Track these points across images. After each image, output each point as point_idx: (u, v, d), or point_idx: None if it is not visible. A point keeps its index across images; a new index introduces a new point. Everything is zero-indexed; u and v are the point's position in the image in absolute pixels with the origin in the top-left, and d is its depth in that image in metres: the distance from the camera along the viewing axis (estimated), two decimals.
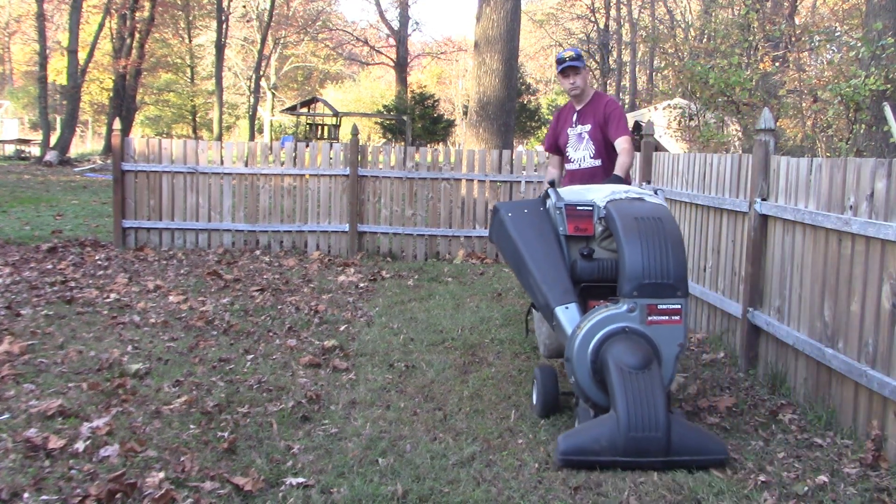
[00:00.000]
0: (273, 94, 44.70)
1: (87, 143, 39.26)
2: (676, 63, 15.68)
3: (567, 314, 3.79)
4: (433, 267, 8.37)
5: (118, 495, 2.85)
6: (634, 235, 3.68)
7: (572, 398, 4.01)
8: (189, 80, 42.17)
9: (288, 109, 34.09)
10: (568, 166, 5.03)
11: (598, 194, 4.15)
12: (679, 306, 3.64)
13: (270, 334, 5.37)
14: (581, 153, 4.93)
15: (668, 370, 3.63)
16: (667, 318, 3.63)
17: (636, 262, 3.62)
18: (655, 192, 4.27)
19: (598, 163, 4.87)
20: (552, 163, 5.22)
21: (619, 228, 3.73)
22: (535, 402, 4.04)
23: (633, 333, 3.60)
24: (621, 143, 4.71)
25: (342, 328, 5.62)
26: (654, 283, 3.61)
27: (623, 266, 3.66)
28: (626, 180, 4.62)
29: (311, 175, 8.99)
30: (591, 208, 4.07)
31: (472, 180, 8.90)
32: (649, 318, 3.62)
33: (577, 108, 4.94)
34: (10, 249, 8.40)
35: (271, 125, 42.40)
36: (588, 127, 4.87)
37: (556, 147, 5.08)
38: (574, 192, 4.31)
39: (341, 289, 7.05)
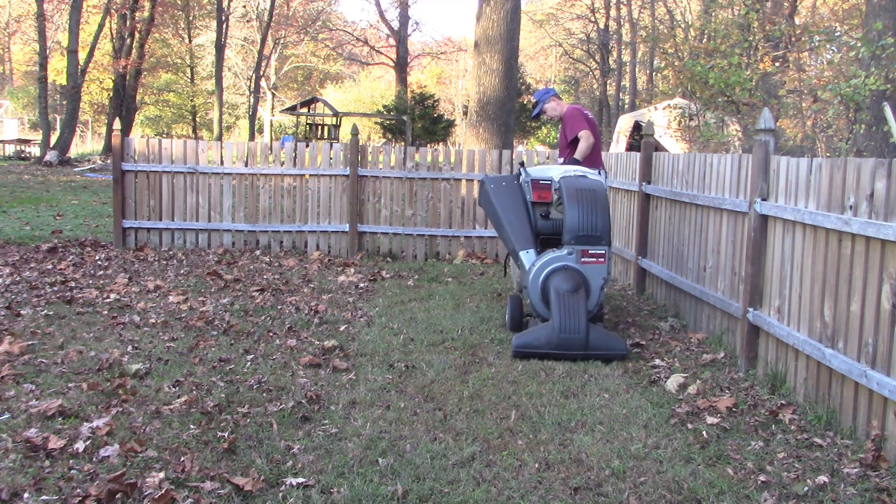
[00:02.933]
0: (273, 94, 44.70)
1: (87, 143, 39.25)
2: (676, 63, 15.67)
3: (527, 256, 5.43)
4: (433, 267, 8.37)
5: (118, 495, 2.85)
6: (574, 201, 5.23)
7: (531, 319, 5.50)
8: (189, 80, 42.17)
9: (288, 109, 34.08)
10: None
11: (556, 172, 5.75)
12: (603, 251, 5.22)
13: (270, 334, 5.37)
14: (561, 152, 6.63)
15: (595, 295, 5.22)
16: (594, 259, 5.21)
17: (574, 220, 5.19)
18: (599, 173, 5.92)
19: (561, 160, 6.53)
20: None
21: (564, 196, 5.29)
22: (507, 321, 5.65)
23: (570, 269, 5.19)
24: (580, 136, 6.26)
25: (342, 328, 5.62)
26: (585, 234, 5.18)
27: (565, 222, 5.23)
28: (582, 162, 6.13)
29: (311, 175, 8.99)
30: (549, 182, 5.66)
31: (472, 180, 8.90)
32: (582, 259, 5.20)
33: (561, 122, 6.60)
34: (10, 249, 8.41)
35: (271, 125, 42.40)
36: (560, 135, 6.54)
37: None
38: (539, 170, 5.88)
39: (341, 289, 7.05)
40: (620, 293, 7.15)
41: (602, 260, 5.20)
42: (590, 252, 5.20)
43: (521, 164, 6.11)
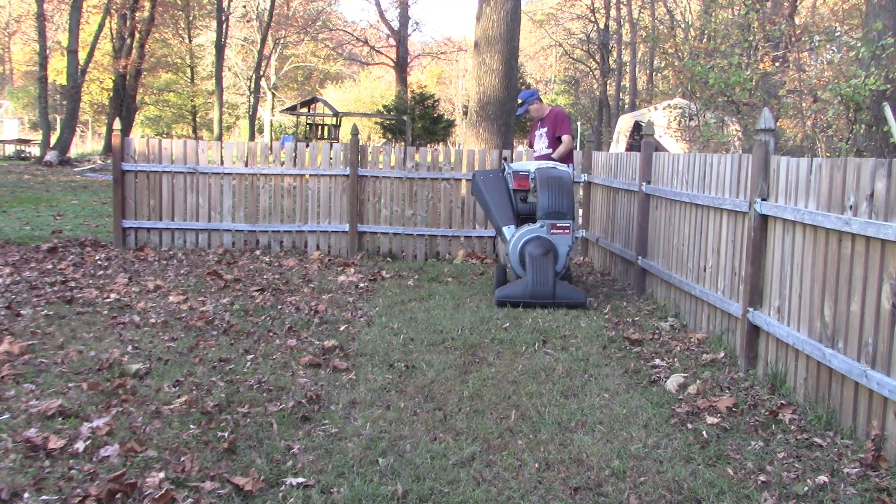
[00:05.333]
0: (273, 94, 44.69)
1: (87, 143, 39.25)
2: (676, 63, 15.66)
3: (508, 230, 6.76)
4: (433, 267, 8.37)
5: (118, 495, 2.85)
6: (545, 187, 6.64)
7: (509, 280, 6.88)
8: (189, 80, 42.16)
9: (288, 109, 34.07)
10: (533, 153, 7.91)
11: (532, 165, 7.07)
12: (568, 224, 6.58)
13: (270, 334, 5.37)
14: (541, 144, 7.74)
15: (562, 259, 6.57)
16: (561, 230, 6.58)
17: (545, 201, 6.59)
18: (567, 166, 7.25)
19: (550, 150, 7.63)
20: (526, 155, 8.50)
21: (538, 183, 6.73)
22: (493, 285, 6.96)
23: (541, 238, 6.56)
24: (563, 138, 7.55)
25: (342, 328, 5.62)
26: (554, 211, 6.57)
27: (538, 203, 6.64)
28: (558, 160, 7.38)
29: (311, 175, 8.99)
30: (527, 173, 6.97)
31: (471, 181, 8.90)
32: (551, 231, 6.57)
33: (540, 120, 7.79)
34: (10, 249, 8.41)
35: (271, 125, 42.39)
36: (545, 129, 7.68)
37: (531, 144, 8.01)
38: (520, 164, 7.23)
39: (341, 289, 7.05)
40: (620, 293, 7.15)
41: (567, 231, 6.58)
42: (557, 225, 6.57)
43: (504, 159, 7.65)
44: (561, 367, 4.75)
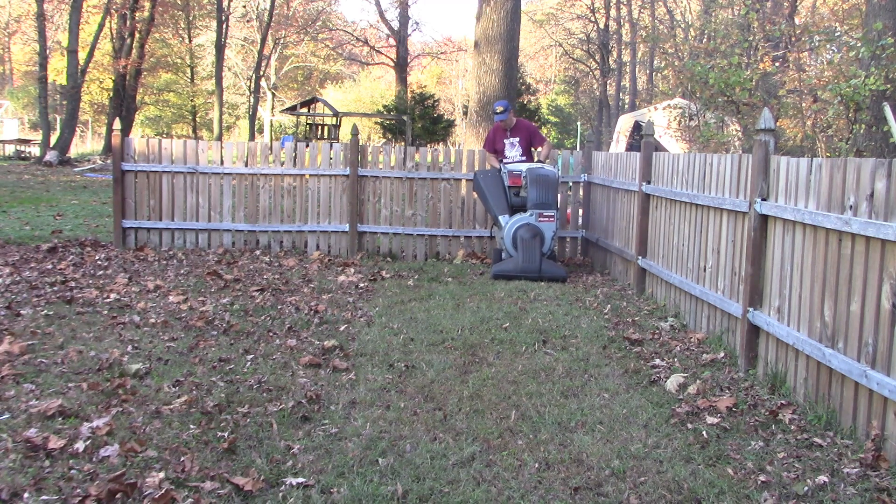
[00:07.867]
0: (273, 94, 44.67)
1: (87, 143, 39.24)
2: (676, 63, 15.67)
3: (504, 219, 7.94)
4: (433, 267, 8.37)
5: (118, 495, 2.85)
6: (534, 183, 7.84)
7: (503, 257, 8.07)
8: (189, 80, 42.15)
9: (288, 109, 34.02)
10: (504, 160, 8.60)
11: (524, 166, 8.19)
12: (553, 213, 7.78)
13: (270, 334, 5.37)
14: (513, 153, 8.64)
15: (548, 242, 7.77)
16: (547, 218, 7.76)
17: (534, 194, 7.80)
18: (553, 166, 8.41)
19: (524, 158, 8.62)
20: (490, 157, 8.75)
21: (529, 181, 7.90)
22: (492, 264, 8.02)
23: (530, 224, 7.74)
24: (544, 145, 8.66)
25: (342, 328, 5.62)
26: (541, 202, 7.76)
27: (528, 196, 7.86)
28: (543, 162, 8.45)
29: (311, 175, 8.99)
30: (520, 172, 8.09)
31: (472, 180, 8.90)
32: (539, 219, 7.75)
33: (508, 129, 8.67)
34: (10, 249, 8.40)
35: (271, 125, 42.37)
36: (518, 139, 8.65)
37: (494, 149, 8.75)
38: (513, 166, 8.31)
39: (341, 289, 7.05)
40: (620, 293, 7.15)
41: (552, 219, 7.76)
42: (544, 214, 7.73)
43: (500, 160, 8.57)
44: (561, 367, 4.76)
